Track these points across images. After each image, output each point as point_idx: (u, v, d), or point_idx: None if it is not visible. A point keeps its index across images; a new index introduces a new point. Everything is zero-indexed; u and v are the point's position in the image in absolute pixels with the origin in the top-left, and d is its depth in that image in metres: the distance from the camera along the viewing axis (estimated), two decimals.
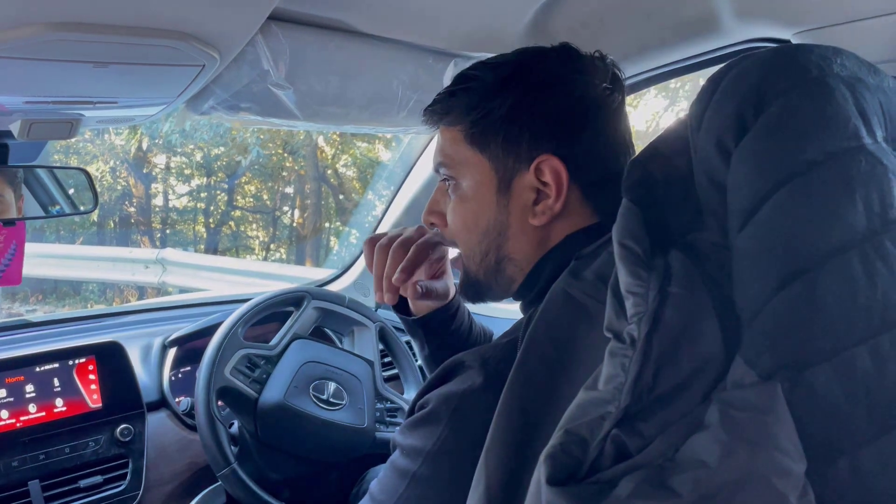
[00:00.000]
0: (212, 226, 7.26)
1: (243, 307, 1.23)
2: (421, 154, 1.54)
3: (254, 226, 7.58)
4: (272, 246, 7.47)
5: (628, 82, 1.11)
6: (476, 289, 0.77)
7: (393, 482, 0.67)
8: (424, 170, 1.53)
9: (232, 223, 7.44)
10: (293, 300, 1.32)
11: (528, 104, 0.69)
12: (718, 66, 0.97)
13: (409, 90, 1.00)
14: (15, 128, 0.85)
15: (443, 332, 0.95)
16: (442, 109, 0.74)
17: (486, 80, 0.71)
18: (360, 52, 0.91)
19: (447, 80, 1.02)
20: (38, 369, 1.14)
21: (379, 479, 0.69)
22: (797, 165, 0.46)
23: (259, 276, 4.67)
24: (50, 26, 0.61)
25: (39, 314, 5.43)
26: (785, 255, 0.45)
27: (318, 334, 1.34)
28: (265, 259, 7.26)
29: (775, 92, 0.48)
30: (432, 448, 0.64)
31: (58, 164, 1.13)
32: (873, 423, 0.42)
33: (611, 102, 0.72)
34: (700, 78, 1.10)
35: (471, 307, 1.66)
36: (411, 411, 0.69)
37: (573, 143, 0.69)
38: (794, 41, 0.85)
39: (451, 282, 0.96)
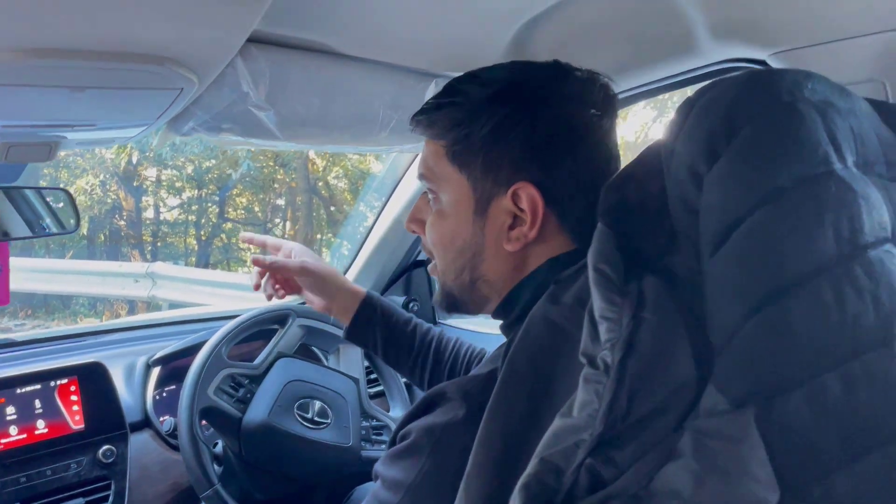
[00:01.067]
0: (203, 238, 7.24)
1: (227, 326, 1.23)
2: (408, 167, 1.54)
3: None
4: None
5: None
6: (450, 301, 0.77)
7: None
8: (412, 182, 1.54)
9: (223, 235, 7.42)
10: (277, 318, 1.31)
11: (511, 127, 0.68)
12: (698, 84, 0.99)
13: (391, 110, 1.00)
14: None
15: (370, 340, 1.10)
16: (427, 121, 0.73)
17: (472, 97, 0.70)
18: (340, 73, 0.91)
19: None
20: (19, 391, 1.13)
21: None
22: (767, 191, 0.46)
23: (249, 289, 4.65)
24: (25, 52, 0.61)
25: (28, 330, 5.39)
26: (755, 282, 0.45)
27: (303, 352, 1.33)
28: None
29: (746, 117, 0.48)
30: (413, 481, 0.63)
31: (39, 185, 1.12)
32: (845, 450, 0.42)
33: (597, 129, 0.70)
34: (689, 89, 1.11)
35: (457, 321, 1.68)
36: (393, 441, 0.68)
37: (552, 171, 0.68)
38: (770, 62, 0.86)
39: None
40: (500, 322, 0.77)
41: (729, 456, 0.42)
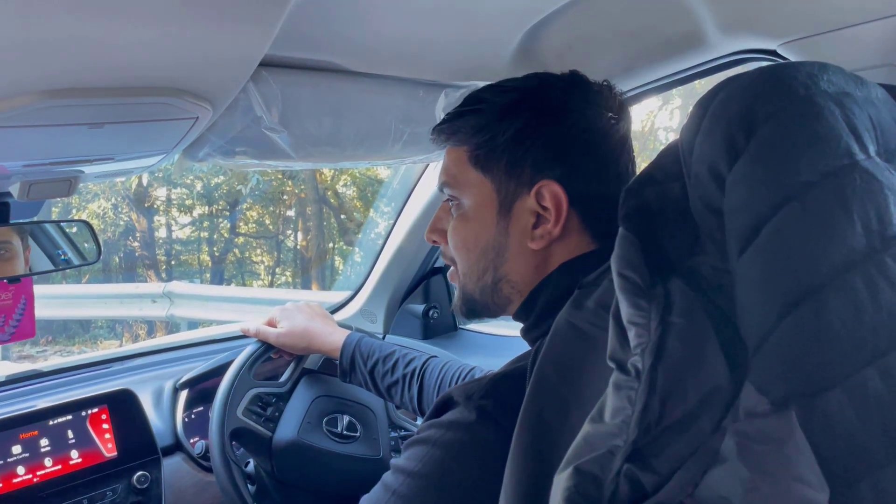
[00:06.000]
0: (216, 254, 7.29)
1: (251, 346, 1.24)
2: (421, 175, 1.55)
3: (258, 251, 7.61)
4: (278, 270, 7.50)
5: None
6: (471, 306, 0.80)
7: (378, 496, 0.69)
8: (426, 191, 1.54)
9: (236, 250, 7.46)
10: None
11: (533, 130, 0.71)
12: (708, 78, 0.98)
13: (402, 124, 1.00)
14: (14, 189, 0.86)
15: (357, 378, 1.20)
16: (450, 129, 0.76)
17: (494, 104, 0.73)
18: (351, 90, 0.92)
19: (439, 111, 1.03)
20: (51, 423, 1.14)
21: (368, 495, 0.72)
22: (792, 188, 0.45)
23: (267, 302, 4.67)
24: (43, 94, 0.62)
25: (50, 356, 5.43)
26: (787, 280, 0.44)
27: (327, 367, 1.34)
28: (271, 283, 7.28)
29: (764, 115, 0.48)
30: (415, 468, 0.66)
31: (60, 219, 1.14)
32: (890, 444, 0.42)
33: (615, 133, 0.73)
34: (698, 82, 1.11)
35: (477, 326, 1.69)
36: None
37: (575, 171, 0.71)
38: (780, 52, 0.85)
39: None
40: (520, 325, 0.78)
41: (776, 459, 0.42)
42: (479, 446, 0.64)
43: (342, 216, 7.33)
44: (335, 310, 1.77)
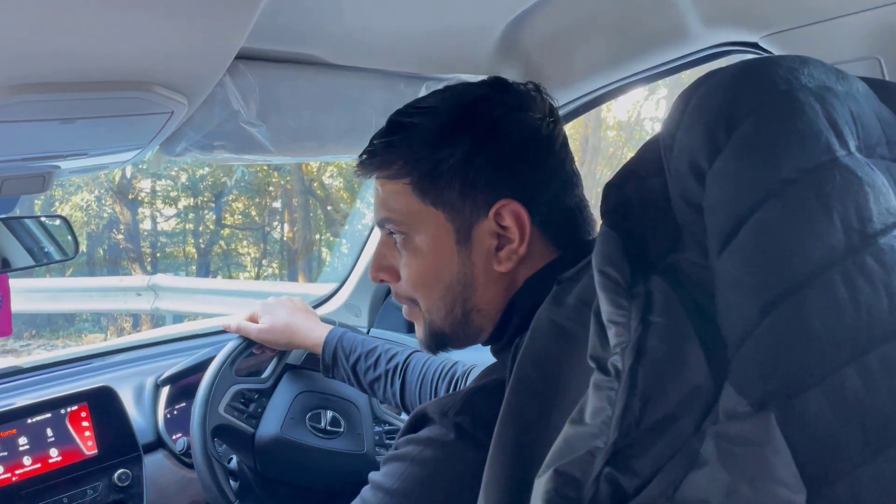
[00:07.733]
0: (202, 246, 7.24)
1: (232, 342, 1.23)
2: None
3: (244, 242, 7.56)
4: (264, 261, 7.46)
5: (601, 91, 1.11)
6: (440, 340, 0.75)
7: None
8: None
9: (222, 242, 7.42)
10: None
11: (480, 149, 0.67)
12: (692, 69, 0.98)
13: (383, 117, 0.98)
14: None
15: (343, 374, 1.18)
16: (381, 162, 0.70)
17: (427, 128, 0.68)
18: (330, 83, 0.91)
19: None
20: (29, 421, 1.12)
21: None
22: (772, 185, 0.45)
23: (253, 295, 4.64)
24: (12, 89, 0.61)
25: (33, 350, 5.38)
26: (767, 279, 0.44)
27: (310, 361, 1.33)
28: (258, 275, 7.24)
29: (745, 110, 0.47)
30: (393, 485, 0.65)
31: (38, 213, 1.12)
32: (868, 444, 0.42)
33: (557, 136, 0.70)
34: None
35: None
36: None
37: (529, 184, 0.68)
38: (762, 44, 0.85)
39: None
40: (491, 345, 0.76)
41: (755, 462, 0.42)
42: (458, 464, 0.63)
43: (328, 207, 7.30)
44: (320, 304, 1.76)
